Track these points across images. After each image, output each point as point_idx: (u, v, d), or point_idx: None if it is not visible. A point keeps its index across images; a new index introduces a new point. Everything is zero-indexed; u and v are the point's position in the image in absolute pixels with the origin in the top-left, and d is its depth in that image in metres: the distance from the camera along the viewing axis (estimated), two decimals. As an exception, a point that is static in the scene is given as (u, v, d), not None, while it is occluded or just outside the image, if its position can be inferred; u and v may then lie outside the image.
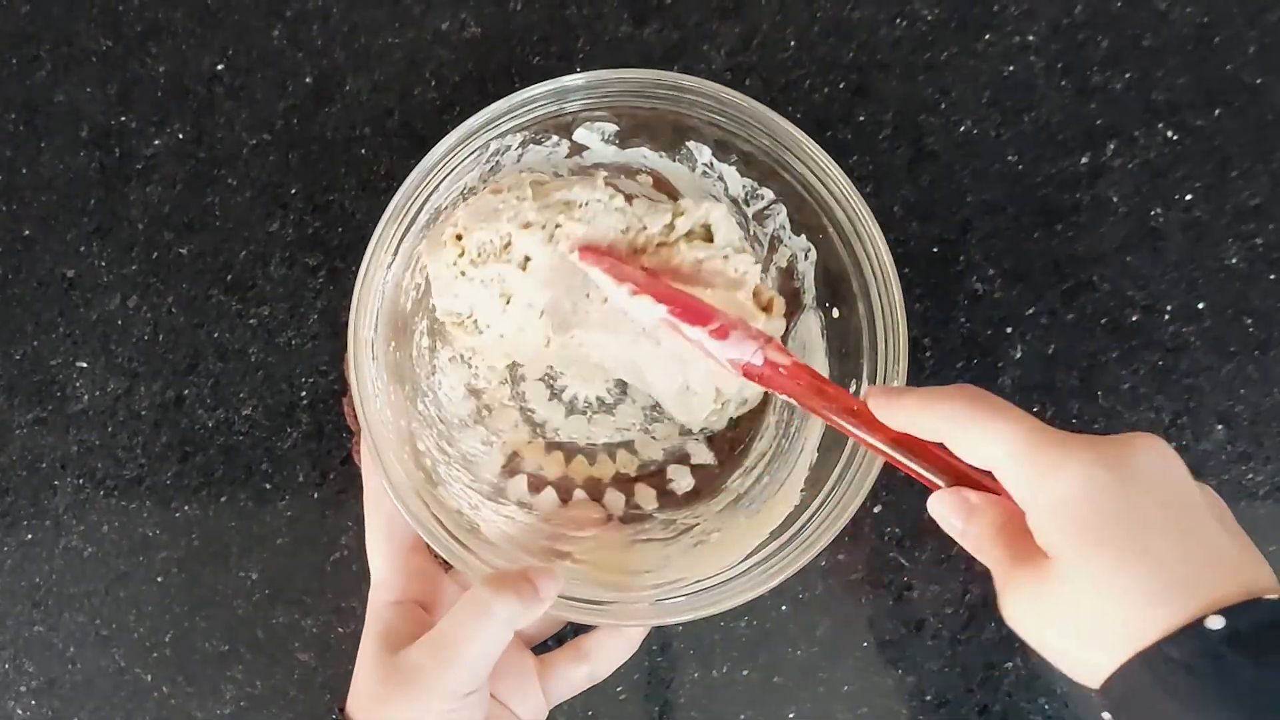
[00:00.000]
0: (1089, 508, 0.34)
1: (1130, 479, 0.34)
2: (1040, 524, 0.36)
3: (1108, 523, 0.34)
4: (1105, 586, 0.34)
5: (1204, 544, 0.34)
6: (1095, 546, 0.34)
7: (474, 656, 0.41)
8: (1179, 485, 0.35)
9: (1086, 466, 0.35)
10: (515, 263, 0.49)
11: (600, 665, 0.49)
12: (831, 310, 0.51)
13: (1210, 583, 0.33)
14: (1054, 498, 0.35)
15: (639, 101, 0.49)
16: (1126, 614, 0.33)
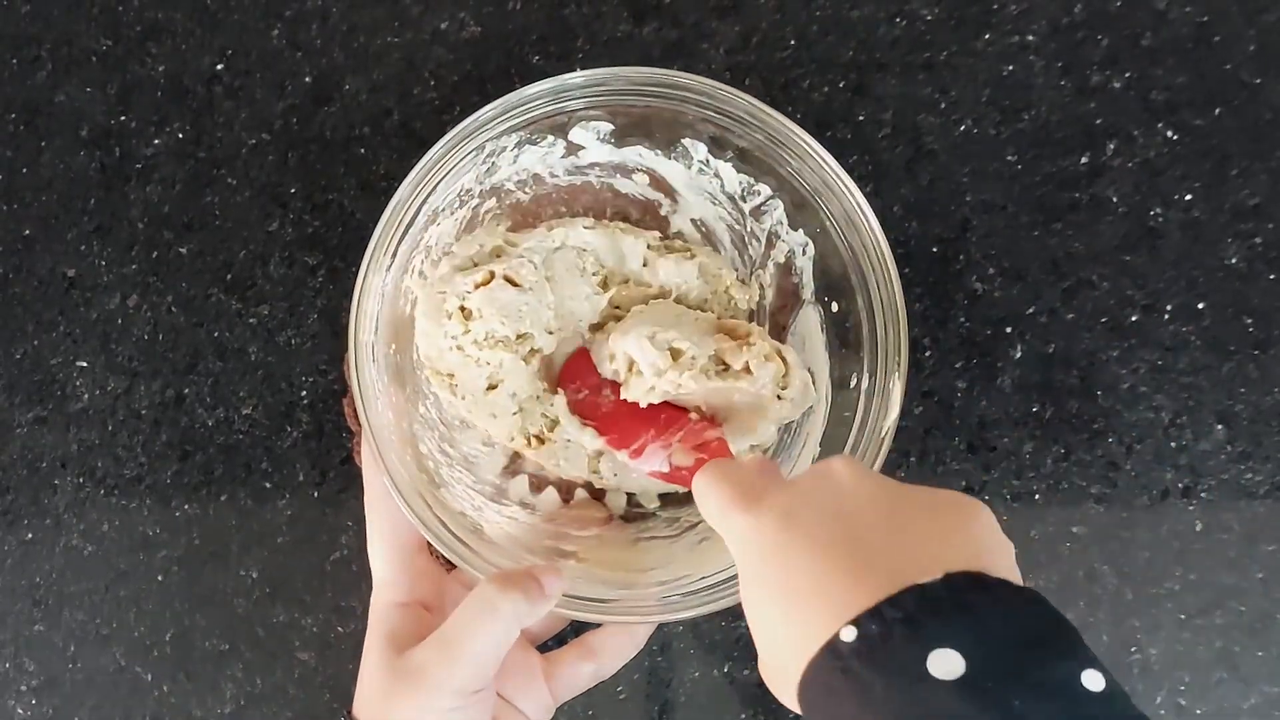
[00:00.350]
0: (745, 559, 0.36)
1: (787, 514, 0.35)
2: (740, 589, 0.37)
3: (760, 565, 0.35)
4: (768, 628, 0.34)
5: (861, 547, 0.33)
6: (756, 592, 0.35)
7: (480, 654, 0.42)
8: (836, 499, 0.35)
9: (743, 521, 0.36)
10: (521, 355, 0.51)
11: (606, 663, 0.49)
12: (831, 304, 0.51)
13: (863, 588, 0.31)
14: (735, 561, 0.37)
15: (634, 99, 0.49)
16: (786, 645, 0.33)
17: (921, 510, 0.34)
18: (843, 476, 0.36)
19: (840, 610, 0.31)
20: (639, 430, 0.50)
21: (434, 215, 0.49)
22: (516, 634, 0.42)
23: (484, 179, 0.50)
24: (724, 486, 0.38)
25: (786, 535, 0.34)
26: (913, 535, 0.33)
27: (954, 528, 0.33)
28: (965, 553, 0.32)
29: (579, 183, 0.53)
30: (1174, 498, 0.54)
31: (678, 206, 0.54)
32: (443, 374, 0.50)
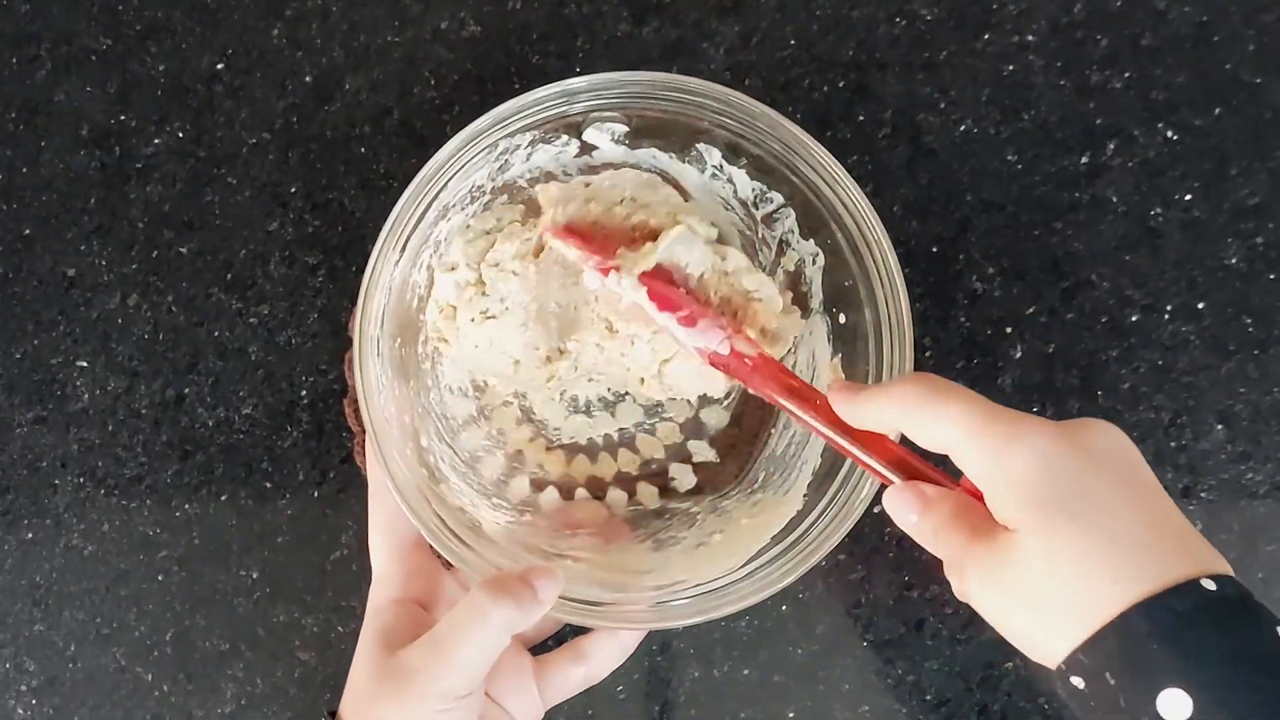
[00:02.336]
0: (1048, 482, 0.35)
1: (1088, 456, 0.35)
2: (998, 499, 0.36)
3: (1068, 497, 0.34)
4: (1068, 558, 0.34)
5: (1165, 522, 0.35)
6: (1056, 520, 0.34)
7: (470, 660, 0.41)
8: (1136, 467, 0.36)
9: (1045, 441, 0.35)
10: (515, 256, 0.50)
11: (597, 667, 0.49)
12: (838, 315, 0.51)
13: (1174, 559, 0.33)
14: (1012, 472, 0.35)
15: (650, 103, 0.49)
16: (1092, 586, 0.34)
17: (1170, 501, 0.36)
18: (1130, 445, 0.36)
19: (1181, 568, 0.33)
20: (679, 297, 0.48)
21: (444, 211, 0.49)
22: (507, 640, 0.42)
23: (496, 176, 0.51)
24: (978, 399, 0.37)
25: (1103, 478, 0.35)
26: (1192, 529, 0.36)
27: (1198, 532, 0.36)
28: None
29: (592, 183, 0.53)
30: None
31: (690, 210, 0.54)
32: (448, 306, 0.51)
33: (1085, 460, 0.35)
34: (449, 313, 0.51)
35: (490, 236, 0.52)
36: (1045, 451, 0.35)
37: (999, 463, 0.35)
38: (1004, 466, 0.35)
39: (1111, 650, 0.33)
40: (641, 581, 0.48)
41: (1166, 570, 0.33)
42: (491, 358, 0.51)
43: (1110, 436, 0.36)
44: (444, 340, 0.51)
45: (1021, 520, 0.35)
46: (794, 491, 0.50)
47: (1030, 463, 0.35)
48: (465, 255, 0.51)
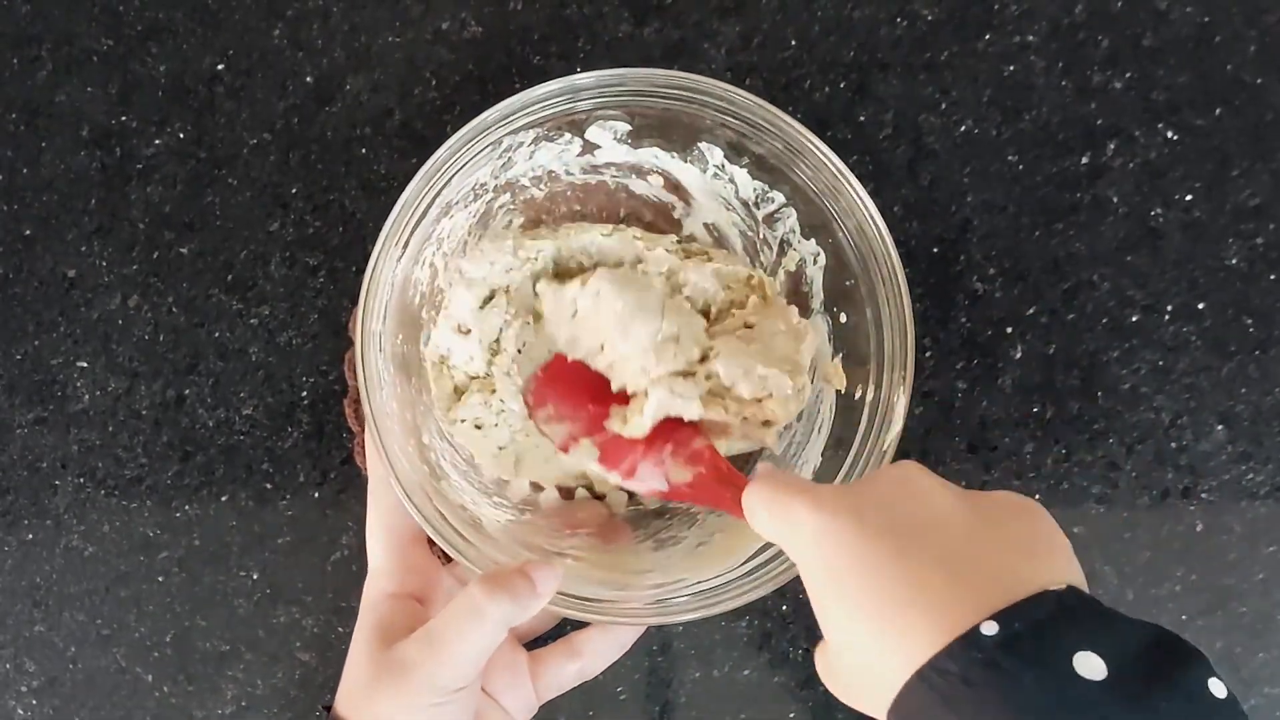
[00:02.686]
0: (821, 564, 0.34)
1: (862, 519, 0.34)
2: (809, 593, 0.36)
3: (840, 572, 0.34)
4: (857, 637, 0.33)
5: (941, 567, 0.32)
6: (836, 602, 0.34)
7: (465, 656, 0.42)
8: (913, 512, 0.34)
9: (815, 521, 0.34)
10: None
11: (591, 663, 0.49)
12: (839, 315, 0.51)
13: (971, 596, 0.31)
14: (801, 565, 0.35)
15: (653, 101, 0.49)
16: (884, 654, 0.32)
17: (1001, 521, 0.34)
18: (920, 482, 0.35)
19: (957, 616, 0.30)
20: (626, 449, 0.48)
21: (447, 208, 0.49)
22: (503, 635, 0.42)
23: (499, 174, 0.51)
24: (782, 492, 0.37)
25: (869, 541, 0.33)
26: (1007, 548, 0.33)
27: (1037, 539, 0.34)
28: (1058, 566, 0.33)
29: (594, 181, 0.53)
30: (1175, 498, 0.54)
31: (691, 210, 0.54)
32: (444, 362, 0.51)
33: (857, 528, 0.34)
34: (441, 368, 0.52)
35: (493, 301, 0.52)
36: (816, 536, 0.34)
37: (795, 557, 0.36)
38: (797, 560, 0.36)
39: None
40: (642, 580, 0.48)
41: (939, 627, 0.30)
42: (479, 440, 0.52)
43: (887, 484, 0.35)
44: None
45: (818, 611, 0.35)
46: None
47: (807, 553, 0.35)
48: (476, 324, 0.51)
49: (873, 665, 0.32)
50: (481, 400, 0.51)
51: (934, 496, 0.34)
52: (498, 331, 0.51)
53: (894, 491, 0.35)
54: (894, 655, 0.31)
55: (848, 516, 0.34)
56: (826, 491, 0.36)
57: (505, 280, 0.52)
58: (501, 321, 0.51)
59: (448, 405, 0.51)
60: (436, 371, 0.51)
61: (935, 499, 0.34)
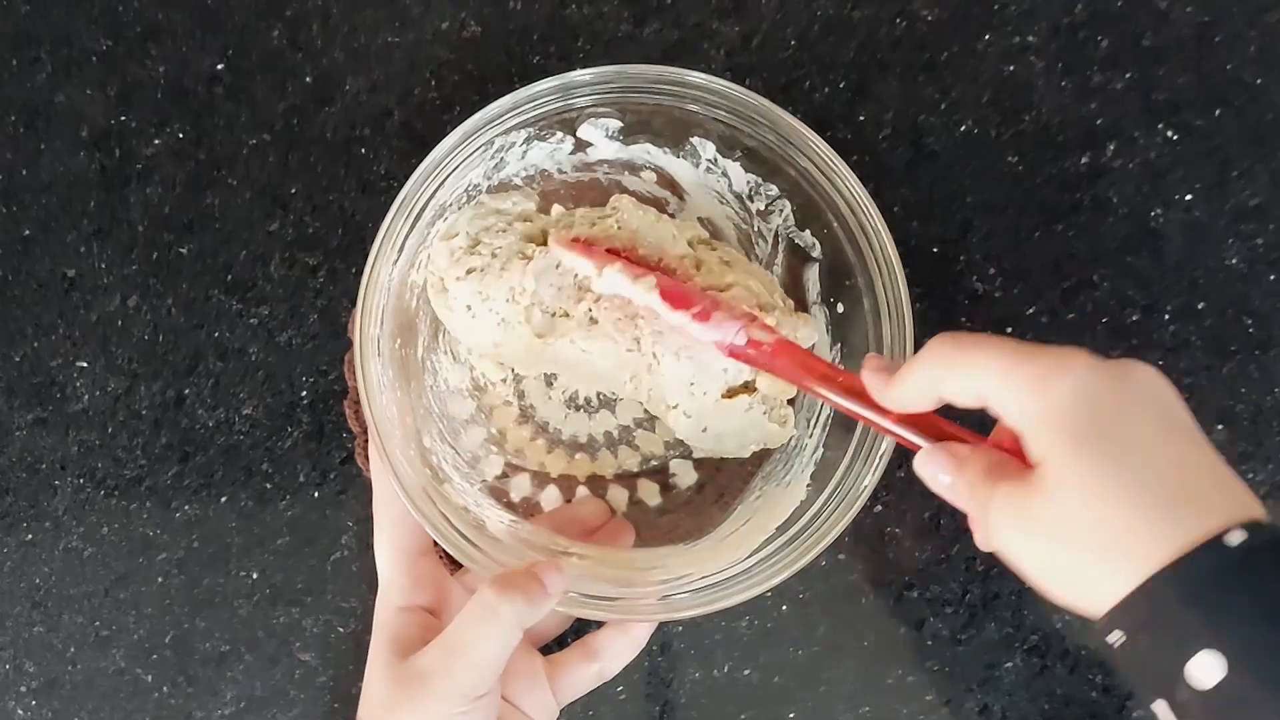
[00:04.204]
0: (1087, 414, 0.34)
1: (1128, 391, 0.34)
2: (1034, 434, 0.34)
3: (1106, 429, 0.33)
4: (1102, 492, 0.33)
5: (1205, 464, 0.34)
6: (1092, 451, 0.33)
7: (483, 659, 0.42)
8: (1175, 407, 0.35)
9: (1084, 373, 0.34)
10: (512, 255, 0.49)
11: (609, 663, 0.49)
12: (836, 305, 0.51)
13: (1214, 503, 0.32)
14: (1048, 404, 0.34)
15: (643, 97, 0.49)
16: (1124, 529, 0.32)
17: (1209, 445, 0.35)
18: (1164, 382, 0.35)
19: (1212, 514, 0.32)
20: (683, 289, 0.47)
21: (441, 210, 0.49)
22: (519, 637, 0.42)
23: (492, 174, 0.51)
24: (1007, 341, 0.36)
25: (1137, 406, 0.34)
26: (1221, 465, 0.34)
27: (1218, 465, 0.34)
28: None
29: (586, 179, 0.53)
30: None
31: (685, 205, 0.54)
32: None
33: (1124, 394, 0.34)
34: (439, 285, 0.50)
35: (500, 219, 0.51)
36: (1084, 382, 0.34)
37: (1035, 398, 0.34)
38: (1041, 400, 0.34)
39: (1143, 614, 0.32)
40: (648, 577, 0.48)
41: (1198, 521, 0.32)
42: (483, 327, 0.50)
43: (1151, 375, 0.35)
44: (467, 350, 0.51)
45: (1057, 452, 0.34)
46: (796, 482, 0.50)
47: (1067, 395, 0.34)
48: (469, 225, 0.50)
49: (1120, 534, 0.32)
50: (474, 288, 0.49)
51: (1181, 402, 0.35)
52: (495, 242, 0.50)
53: (1150, 382, 0.35)
54: (1148, 532, 0.32)
55: (1116, 383, 0.34)
56: (1057, 348, 0.35)
57: (512, 209, 0.51)
58: (500, 233, 0.50)
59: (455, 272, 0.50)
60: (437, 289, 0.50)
61: (1182, 405, 0.35)
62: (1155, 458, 0.33)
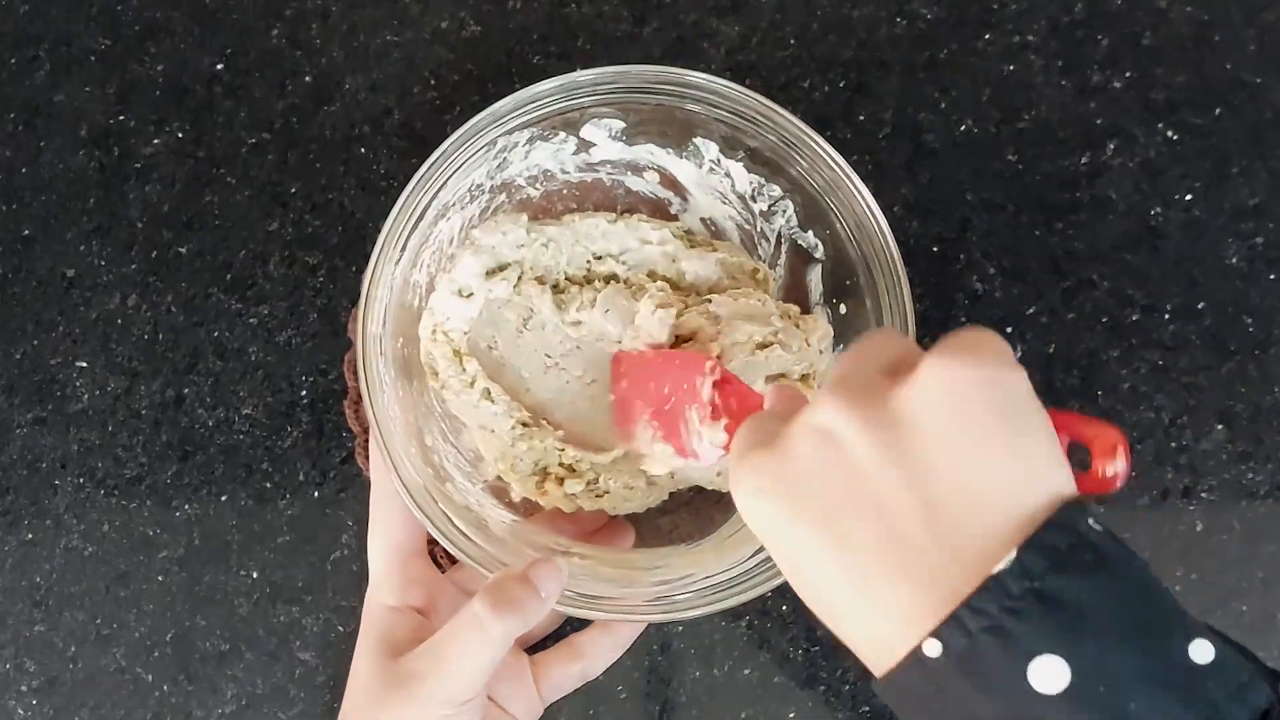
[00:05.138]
0: (766, 544, 0.32)
1: (785, 486, 0.31)
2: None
3: (784, 560, 0.32)
4: (828, 624, 0.32)
5: (892, 540, 0.29)
6: (795, 584, 0.32)
7: (471, 668, 0.42)
8: (841, 473, 0.30)
9: (745, 493, 0.32)
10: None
11: (593, 663, 0.49)
12: (839, 306, 0.51)
13: (912, 594, 0.28)
14: (752, 530, 0.33)
15: (646, 97, 0.49)
16: (858, 648, 0.31)
17: (963, 432, 0.29)
18: (843, 441, 0.30)
19: (915, 620, 0.28)
20: (672, 417, 0.46)
21: (444, 210, 0.49)
22: (508, 647, 0.42)
23: (495, 174, 0.51)
24: (737, 443, 0.33)
25: (799, 507, 0.30)
26: (955, 479, 0.28)
27: (1008, 448, 0.29)
28: (1030, 485, 0.28)
29: (590, 179, 0.53)
30: (1175, 498, 0.54)
31: (688, 205, 0.54)
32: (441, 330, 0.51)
33: (786, 504, 0.31)
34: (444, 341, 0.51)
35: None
36: (748, 508, 0.32)
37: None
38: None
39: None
40: (649, 577, 0.48)
41: (896, 641, 0.28)
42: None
43: (807, 441, 0.30)
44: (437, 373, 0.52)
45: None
46: None
47: (749, 522, 0.32)
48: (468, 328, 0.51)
49: (853, 636, 0.31)
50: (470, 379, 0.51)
51: (856, 453, 0.29)
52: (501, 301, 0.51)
53: (814, 454, 0.30)
54: (871, 642, 0.30)
55: (771, 500, 0.31)
56: (752, 463, 0.32)
57: (514, 255, 0.52)
58: (506, 293, 0.51)
59: (453, 372, 0.51)
60: (432, 341, 0.51)
61: (859, 456, 0.29)
62: (835, 588, 0.30)
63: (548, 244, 0.52)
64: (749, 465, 0.32)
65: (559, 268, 0.53)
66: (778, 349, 0.49)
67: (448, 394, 0.51)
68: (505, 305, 0.52)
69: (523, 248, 0.52)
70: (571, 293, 0.52)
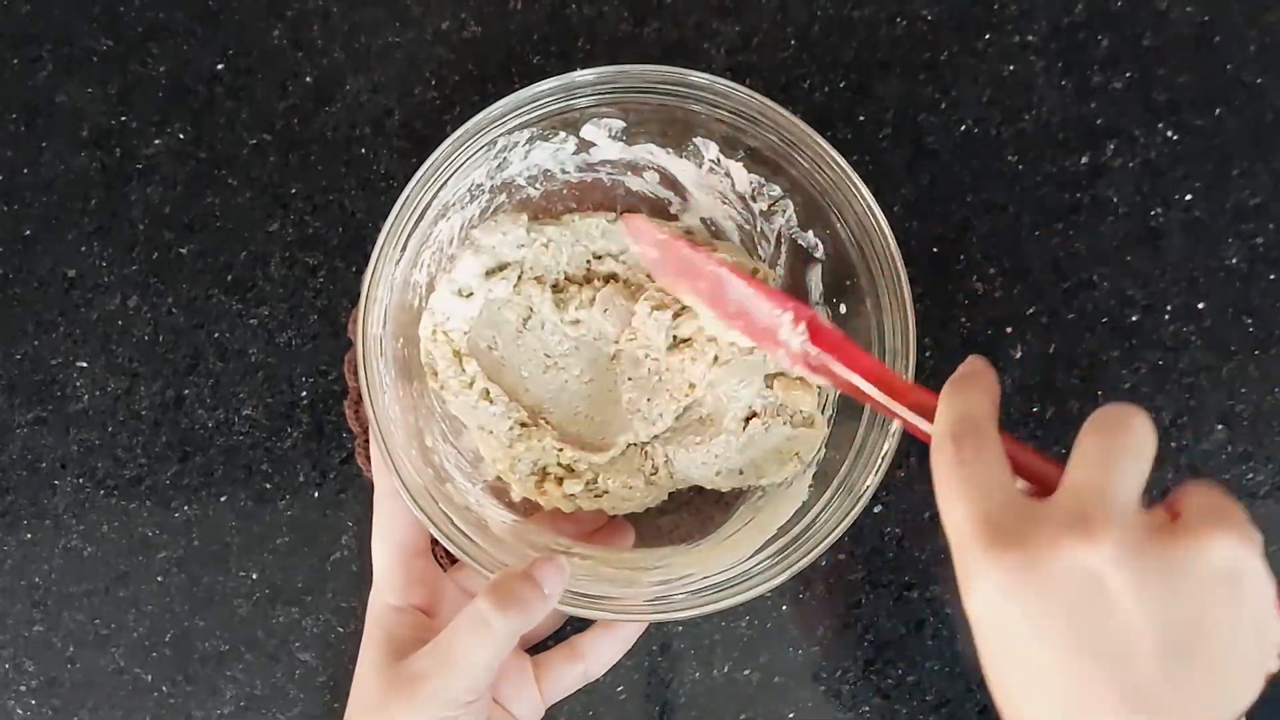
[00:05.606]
0: (984, 633, 0.31)
1: (1036, 604, 0.30)
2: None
3: (998, 658, 0.31)
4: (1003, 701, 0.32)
5: (1099, 704, 0.29)
6: (992, 682, 0.32)
7: (475, 668, 0.42)
8: (1104, 615, 0.30)
9: (990, 587, 0.31)
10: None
11: (595, 664, 0.49)
12: (839, 306, 0.51)
13: None
14: (970, 613, 0.32)
15: (646, 97, 0.49)
16: None
17: (1218, 605, 0.30)
18: (1110, 581, 0.29)
19: None
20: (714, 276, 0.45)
21: (444, 210, 0.49)
22: (513, 645, 0.42)
23: (495, 174, 0.51)
24: (970, 497, 0.32)
25: (1038, 627, 0.30)
26: (1206, 655, 0.29)
27: (1249, 633, 0.30)
28: (1248, 689, 0.30)
29: (589, 179, 0.53)
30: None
31: (687, 205, 0.54)
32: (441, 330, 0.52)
33: (1029, 611, 0.30)
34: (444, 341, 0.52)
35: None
36: (988, 600, 0.31)
37: (965, 597, 0.32)
38: (967, 604, 0.32)
39: None
40: (648, 577, 0.48)
41: None
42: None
43: (1080, 575, 0.30)
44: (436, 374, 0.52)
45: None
46: (798, 483, 0.50)
47: (975, 610, 0.31)
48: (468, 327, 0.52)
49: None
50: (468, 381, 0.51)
51: (1124, 607, 0.29)
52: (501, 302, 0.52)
53: (1078, 585, 0.30)
54: None
55: (1022, 596, 0.30)
56: (1005, 564, 0.30)
57: (514, 255, 0.52)
58: (506, 293, 0.51)
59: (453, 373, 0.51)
60: (432, 341, 0.51)
61: (1125, 611, 0.29)
62: (1035, 702, 0.30)
63: (548, 244, 0.52)
64: (1002, 565, 0.31)
65: (559, 267, 0.53)
66: None
67: (447, 394, 0.51)
68: (505, 305, 0.52)
69: (523, 247, 0.52)
70: (571, 292, 0.52)
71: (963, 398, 0.35)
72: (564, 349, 0.52)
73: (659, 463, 0.51)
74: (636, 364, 0.52)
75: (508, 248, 0.52)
